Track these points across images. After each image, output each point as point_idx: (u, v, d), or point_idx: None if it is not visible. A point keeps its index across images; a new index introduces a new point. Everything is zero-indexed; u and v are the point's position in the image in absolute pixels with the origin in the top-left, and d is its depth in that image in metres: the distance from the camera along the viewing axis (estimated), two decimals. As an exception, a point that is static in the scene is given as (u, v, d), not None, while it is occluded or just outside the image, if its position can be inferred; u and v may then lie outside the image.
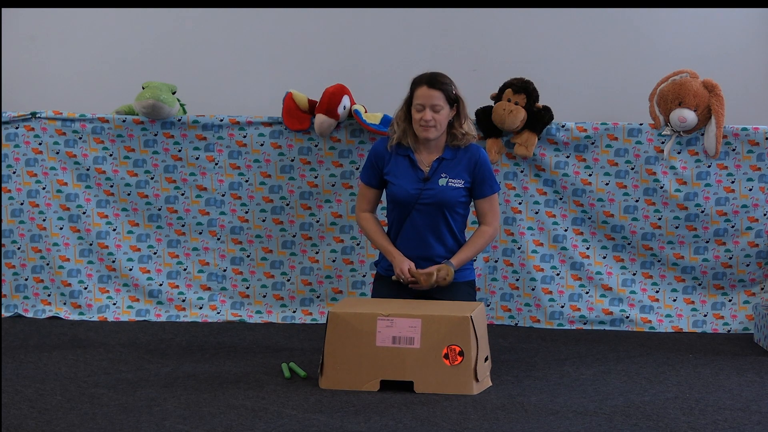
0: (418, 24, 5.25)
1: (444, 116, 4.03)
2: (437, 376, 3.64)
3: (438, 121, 4.02)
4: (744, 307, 4.79)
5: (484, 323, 3.85)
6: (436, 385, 3.64)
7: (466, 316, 3.65)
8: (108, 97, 5.04)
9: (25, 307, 4.89)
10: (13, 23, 5.29)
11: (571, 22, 5.22)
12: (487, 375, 3.80)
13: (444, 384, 3.64)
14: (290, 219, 4.86)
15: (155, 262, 4.91)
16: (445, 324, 3.65)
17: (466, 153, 4.11)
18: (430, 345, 3.64)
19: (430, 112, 4.00)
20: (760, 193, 4.73)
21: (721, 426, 3.39)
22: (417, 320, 3.65)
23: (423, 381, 3.65)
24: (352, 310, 3.73)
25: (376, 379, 3.67)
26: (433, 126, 4.02)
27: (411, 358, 3.65)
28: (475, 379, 3.66)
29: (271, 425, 3.32)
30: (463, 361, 3.64)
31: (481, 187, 4.11)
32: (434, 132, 4.03)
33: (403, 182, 4.09)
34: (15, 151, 4.84)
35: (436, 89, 4.01)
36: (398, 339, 3.66)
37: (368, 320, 3.67)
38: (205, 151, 4.83)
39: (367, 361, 3.67)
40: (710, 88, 4.65)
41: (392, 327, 3.67)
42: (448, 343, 3.64)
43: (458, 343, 3.64)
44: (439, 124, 4.03)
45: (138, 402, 3.54)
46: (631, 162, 4.74)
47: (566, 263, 4.83)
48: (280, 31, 5.28)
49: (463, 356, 3.64)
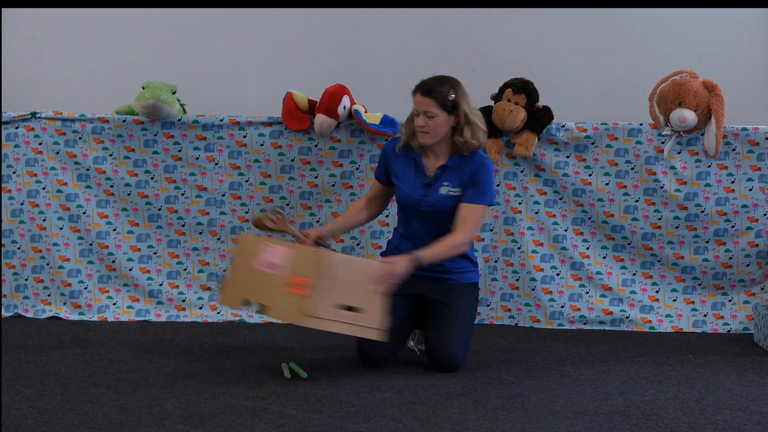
0: (418, 24, 5.25)
1: (439, 123, 3.98)
2: (284, 303, 3.77)
3: (432, 128, 3.98)
4: (744, 307, 4.79)
5: (367, 275, 3.82)
6: (280, 312, 3.80)
7: (320, 251, 3.79)
8: (108, 97, 5.03)
9: (25, 307, 4.89)
10: (13, 23, 5.29)
11: (571, 22, 5.22)
12: (349, 324, 3.80)
13: (285, 311, 3.79)
14: (290, 219, 4.86)
15: (155, 262, 4.92)
16: (310, 257, 3.76)
17: (470, 161, 4.05)
18: (289, 274, 3.79)
19: (424, 119, 3.98)
20: (760, 193, 4.73)
21: (721, 426, 3.39)
22: (291, 251, 3.81)
23: (274, 306, 3.80)
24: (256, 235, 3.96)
25: (241, 297, 3.88)
26: (427, 132, 3.99)
27: (272, 284, 3.79)
28: (310, 315, 3.72)
29: (271, 425, 3.33)
30: (311, 294, 3.72)
31: (469, 192, 4.02)
32: (429, 138, 4.00)
33: (407, 186, 4.09)
34: (15, 151, 4.84)
35: (429, 96, 3.97)
36: (272, 265, 3.82)
37: (256, 243, 3.89)
38: (205, 151, 4.83)
39: (242, 280, 3.90)
40: (710, 88, 4.65)
41: (271, 254, 3.85)
42: (303, 274, 3.75)
43: (310, 275, 3.72)
44: (433, 131, 3.98)
45: (138, 402, 3.55)
46: (631, 162, 4.74)
47: (566, 263, 4.83)
48: (280, 31, 5.28)
49: (313, 290, 3.75)
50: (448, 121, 4.00)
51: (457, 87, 4.01)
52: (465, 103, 4.00)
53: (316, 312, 3.74)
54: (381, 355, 4.00)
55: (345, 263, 3.83)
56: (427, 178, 4.07)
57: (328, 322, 3.78)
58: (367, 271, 3.84)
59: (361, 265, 3.88)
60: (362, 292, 3.82)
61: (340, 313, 3.79)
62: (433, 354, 3.99)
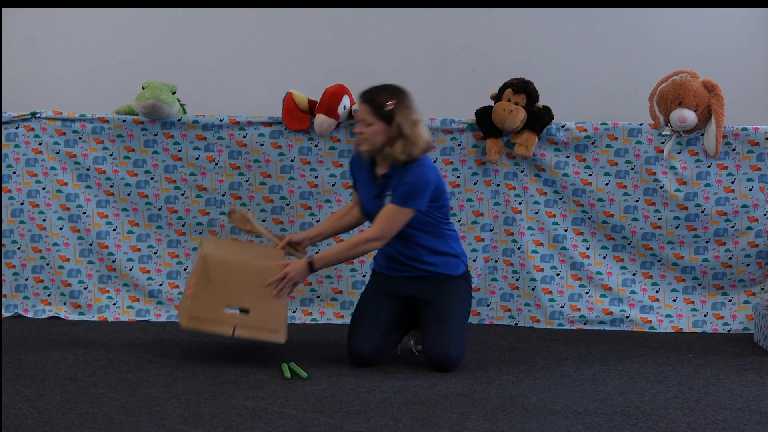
0: (418, 24, 5.25)
1: (375, 132, 3.93)
2: (181, 307, 4.10)
3: (368, 136, 3.94)
4: (744, 307, 4.79)
5: (265, 278, 3.96)
6: (179, 316, 4.12)
7: (203, 254, 3.96)
8: (108, 97, 5.03)
9: (25, 307, 4.89)
10: (13, 23, 5.29)
11: (571, 22, 5.22)
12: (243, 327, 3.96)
13: (180, 315, 4.09)
14: (290, 219, 4.86)
15: (155, 262, 4.91)
16: (199, 261, 3.97)
17: (408, 168, 3.96)
18: (189, 279, 4.11)
19: (361, 126, 3.96)
20: (760, 193, 4.73)
21: (721, 426, 3.39)
22: (196, 258, 4.05)
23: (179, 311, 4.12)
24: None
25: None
26: (364, 140, 3.96)
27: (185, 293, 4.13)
28: (195, 316, 3.93)
29: (271, 425, 3.33)
30: (196, 297, 3.95)
31: (392, 192, 3.98)
32: (365, 146, 3.98)
33: (363, 197, 4.14)
34: (15, 151, 4.84)
35: (366, 104, 3.94)
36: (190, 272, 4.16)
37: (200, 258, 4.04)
38: (205, 151, 4.82)
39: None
40: (710, 88, 4.65)
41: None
42: (194, 277, 4.00)
43: (195, 277, 3.97)
44: (370, 139, 3.94)
45: (138, 402, 3.55)
46: (631, 162, 4.74)
47: (566, 263, 4.83)
48: (280, 31, 5.28)
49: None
50: (385, 131, 3.93)
51: (399, 98, 3.94)
52: (403, 115, 3.92)
53: (201, 313, 3.93)
54: (368, 355, 4.03)
55: (240, 267, 3.97)
56: (375, 188, 4.07)
57: (216, 323, 3.96)
58: (264, 274, 3.97)
59: (257, 268, 3.99)
60: (256, 295, 3.96)
61: (230, 315, 3.96)
62: (429, 355, 4.02)
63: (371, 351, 4.02)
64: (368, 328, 4.04)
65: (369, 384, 3.80)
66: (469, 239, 4.84)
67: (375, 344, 4.03)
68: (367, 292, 4.20)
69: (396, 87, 3.99)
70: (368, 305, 4.13)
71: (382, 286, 4.16)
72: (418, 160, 3.97)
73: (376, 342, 4.03)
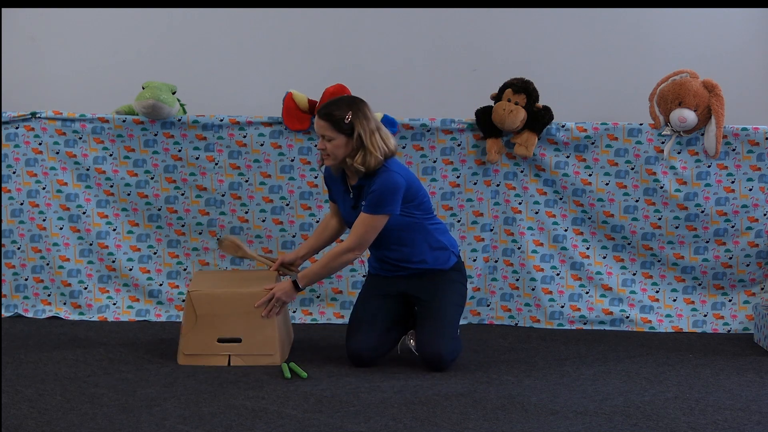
0: (418, 24, 5.24)
1: (337, 146, 3.94)
2: (179, 342, 4.12)
3: (331, 150, 3.96)
4: (744, 307, 4.79)
5: (250, 304, 4.01)
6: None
7: (188, 291, 4.02)
8: (108, 97, 5.03)
9: (25, 307, 4.89)
10: (13, 23, 5.29)
11: (571, 22, 5.22)
12: (237, 356, 4.01)
13: (178, 354, 4.10)
14: (290, 219, 4.86)
15: (155, 262, 4.91)
16: (187, 298, 4.04)
17: (375, 177, 3.98)
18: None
19: (323, 142, 3.97)
20: (760, 193, 4.73)
21: (721, 426, 3.39)
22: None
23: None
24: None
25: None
26: (328, 155, 3.99)
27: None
28: (189, 354, 4.02)
29: (271, 425, 3.33)
30: (186, 333, 4.04)
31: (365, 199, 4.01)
32: (329, 160, 4.00)
33: (342, 210, 4.16)
34: (15, 151, 4.83)
35: (324, 120, 3.95)
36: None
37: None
38: (205, 151, 4.82)
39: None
40: (710, 88, 4.65)
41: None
42: (184, 315, 4.07)
43: (184, 315, 4.05)
44: (333, 154, 3.96)
45: (138, 402, 3.55)
46: (631, 162, 4.74)
47: (566, 263, 4.83)
48: (280, 31, 5.28)
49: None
50: (348, 143, 3.95)
51: (356, 109, 3.94)
52: (361, 126, 3.93)
53: (194, 350, 4.01)
54: (367, 356, 4.04)
55: (226, 297, 4.01)
56: (351, 200, 4.09)
57: (211, 357, 4.01)
58: (250, 301, 4.01)
59: (243, 296, 4.03)
60: (246, 323, 4.01)
61: (224, 346, 4.02)
62: (422, 354, 4.03)
63: (370, 351, 4.03)
64: (366, 329, 4.05)
65: (369, 384, 3.80)
66: (469, 239, 4.84)
67: (373, 344, 4.04)
68: (363, 293, 4.21)
69: (352, 98, 4.03)
70: (365, 306, 4.14)
71: (377, 286, 4.17)
72: (383, 166, 3.97)
73: (374, 342, 4.04)
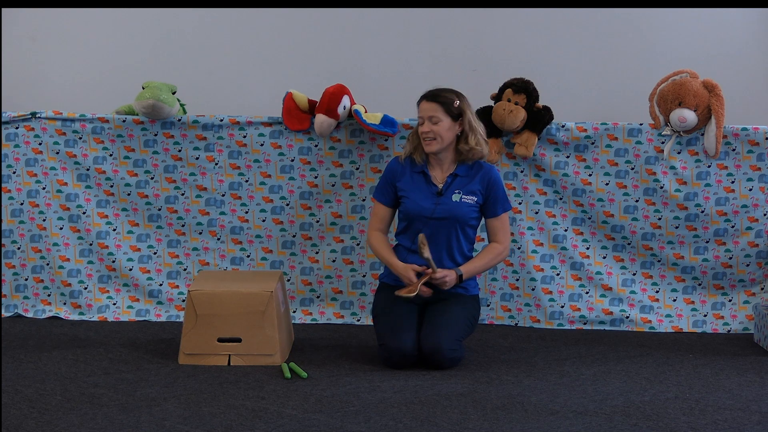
0: (418, 24, 5.25)
1: (444, 128, 4.09)
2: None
3: (437, 133, 4.08)
4: (744, 307, 4.79)
5: (250, 305, 4.04)
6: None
7: (189, 291, 4.05)
8: (108, 97, 5.04)
9: (25, 307, 4.89)
10: (13, 23, 5.29)
11: (571, 22, 5.22)
12: (238, 355, 4.03)
13: (180, 354, 4.13)
14: (290, 219, 4.86)
15: (155, 262, 4.91)
16: (188, 297, 4.08)
17: (478, 171, 4.17)
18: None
19: (429, 124, 4.08)
20: (760, 193, 4.73)
21: (721, 426, 3.39)
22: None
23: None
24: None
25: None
26: (433, 138, 4.08)
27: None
28: (190, 353, 4.05)
29: (271, 425, 3.33)
30: (187, 332, 4.08)
31: (493, 206, 4.17)
32: (435, 145, 4.09)
33: (418, 197, 4.15)
34: (15, 151, 4.84)
35: (434, 101, 4.10)
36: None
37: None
38: (205, 151, 4.82)
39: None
40: (710, 88, 4.65)
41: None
42: (185, 315, 4.10)
43: (185, 315, 4.08)
44: (439, 137, 4.09)
45: (138, 402, 3.55)
46: (631, 162, 4.74)
47: (566, 263, 4.83)
48: (280, 31, 5.28)
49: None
50: (452, 127, 4.11)
51: (461, 97, 4.14)
52: (469, 111, 4.14)
53: (194, 349, 4.03)
54: (411, 354, 3.97)
55: (226, 297, 4.04)
56: (436, 187, 4.14)
57: (211, 357, 4.03)
58: (250, 301, 4.03)
59: (243, 296, 4.04)
60: (246, 323, 4.03)
61: (224, 346, 4.03)
62: (422, 346, 4.00)
63: (413, 349, 3.98)
64: (407, 328, 4.01)
65: (369, 384, 3.80)
66: (469, 239, 4.85)
67: (414, 343, 3.99)
68: (386, 299, 4.15)
69: (453, 89, 4.18)
70: (393, 307, 4.09)
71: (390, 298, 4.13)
72: (486, 163, 4.22)
73: (414, 339, 4.00)
